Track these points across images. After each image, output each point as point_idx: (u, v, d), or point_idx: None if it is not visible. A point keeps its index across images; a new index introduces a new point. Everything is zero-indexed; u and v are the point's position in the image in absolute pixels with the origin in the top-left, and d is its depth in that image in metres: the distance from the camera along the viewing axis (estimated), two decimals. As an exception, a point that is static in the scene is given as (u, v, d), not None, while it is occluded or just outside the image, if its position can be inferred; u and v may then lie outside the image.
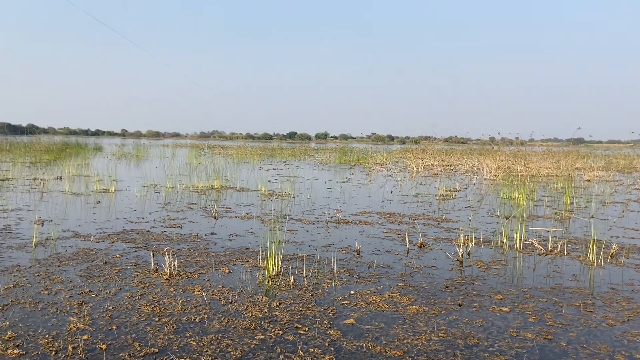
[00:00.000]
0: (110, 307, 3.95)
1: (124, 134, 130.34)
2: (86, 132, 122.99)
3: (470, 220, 8.52)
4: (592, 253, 5.89)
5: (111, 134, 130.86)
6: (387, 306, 4.11)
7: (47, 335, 3.38)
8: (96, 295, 4.25)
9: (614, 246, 6.16)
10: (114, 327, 3.56)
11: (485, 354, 3.22)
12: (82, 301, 4.07)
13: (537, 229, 7.66)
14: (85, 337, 3.37)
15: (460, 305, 4.16)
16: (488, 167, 20.38)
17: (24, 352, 3.14)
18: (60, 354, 3.12)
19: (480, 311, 4.04)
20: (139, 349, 3.22)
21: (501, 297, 4.41)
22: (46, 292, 4.28)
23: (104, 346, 3.25)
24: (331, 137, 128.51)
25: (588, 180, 17.59)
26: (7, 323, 3.58)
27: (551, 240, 6.55)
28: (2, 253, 5.61)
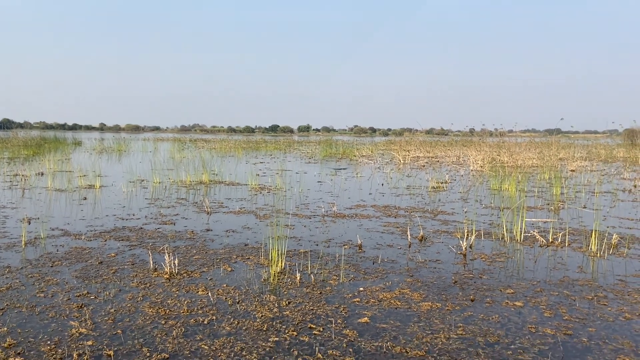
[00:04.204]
0: (112, 310, 3.77)
1: (102, 128, 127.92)
2: (63, 127, 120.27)
3: (465, 213, 8.48)
4: (594, 244, 5.88)
5: (89, 128, 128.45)
6: (399, 303, 4.01)
7: (49, 342, 3.20)
8: (95, 297, 4.06)
9: (614, 236, 6.17)
10: (119, 331, 3.39)
11: (508, 352, 3.14)
12: (82, 304, 3.88)
13: (534, 220, 7.65)
14: (89, 342, 3.20)
15: (472, 301, 4.08)
16: (474, 158, 20.47)
17: (26, 361, 2.96)
18: (65, 362, 2.95)
19: (494, 306, 3.96)
20: (148, 354, 3.06)
21: (512, 291, 4.35)
22: (42, 295, 4.08)
23: (111, 352, 3.08)
24: (313, 129, 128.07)
25: (572, 170, 17.78)
26: (5, 329, 3.38)
27: (551, 232, 6.53)
28: (-10, 254, 5.36)
